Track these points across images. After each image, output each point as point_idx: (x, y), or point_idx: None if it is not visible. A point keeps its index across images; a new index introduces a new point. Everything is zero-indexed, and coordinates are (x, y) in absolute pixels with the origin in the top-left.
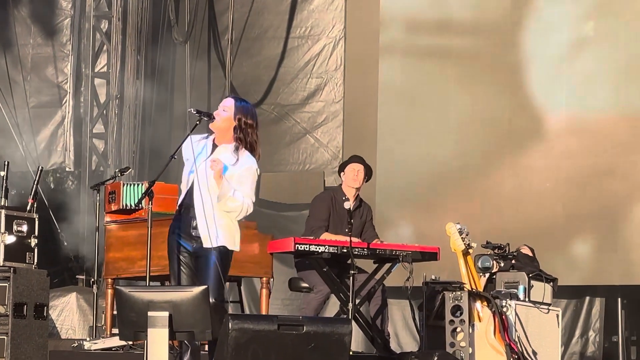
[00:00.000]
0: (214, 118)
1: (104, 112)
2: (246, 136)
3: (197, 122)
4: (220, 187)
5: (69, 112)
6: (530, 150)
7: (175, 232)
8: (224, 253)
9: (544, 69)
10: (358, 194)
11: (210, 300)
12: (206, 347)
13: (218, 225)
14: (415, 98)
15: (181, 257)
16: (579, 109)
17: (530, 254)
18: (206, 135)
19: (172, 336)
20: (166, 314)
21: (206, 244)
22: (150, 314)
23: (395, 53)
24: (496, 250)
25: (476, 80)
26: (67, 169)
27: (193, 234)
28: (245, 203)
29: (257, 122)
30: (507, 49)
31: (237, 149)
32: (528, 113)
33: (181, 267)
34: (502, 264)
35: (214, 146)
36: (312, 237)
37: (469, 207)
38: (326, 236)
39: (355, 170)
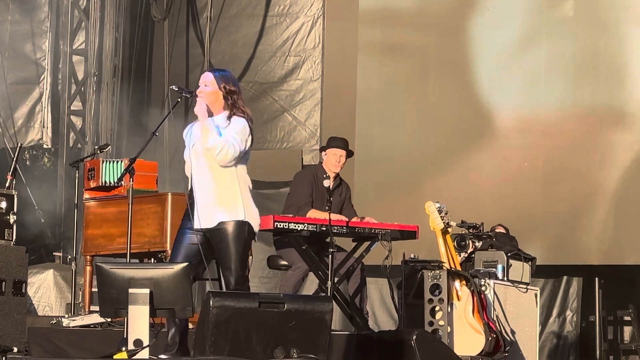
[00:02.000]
0: (195, 95)
1: (82, 89)
2: (235, 102)
3: (179, 100)
4: (205, 123)
5: (46, 89)
6: (508, 131)
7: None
8: (237, 227)
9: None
10: (338, 173)
11: (232, 284)
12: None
13: (221, 203)
14: (394, 77)
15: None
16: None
17: (505, 233)
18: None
19: (152, 313)
20: (147, 291)
21: (210, 223)
22: (131, 290)
23: (374, 32)
24: (471, 230)
25: (455, 63)
26: (45, 146)
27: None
28: (228, 142)
29: (239, 87)
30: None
31: (229, 116)
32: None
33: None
34: (477, 244)
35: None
36: (293, 215)
37: (448, 187)
38: (313, 213)
39: (337, 156)
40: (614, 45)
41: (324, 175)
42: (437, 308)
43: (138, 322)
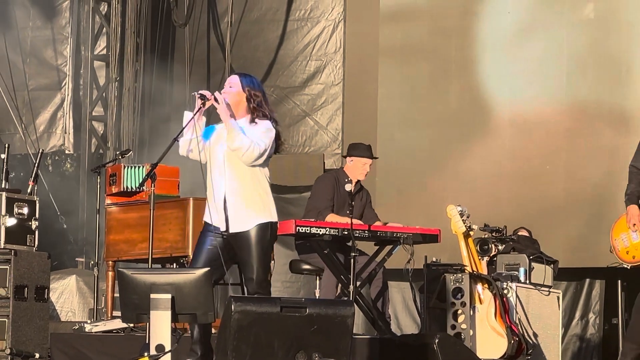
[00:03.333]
0: (207, 99)
1: (104, 94)
2: (259, 105)
3: (201, 106)
4: (229, 124)
5: (68, 95)
6: (529, 133)
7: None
8: (262, 229)
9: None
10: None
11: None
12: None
13: (247, 203)
14: (415, 80)
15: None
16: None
17: (527, 236)
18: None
19: (174, 318)
20: (169, 296)
21: (243, 227)
22: (152, 296)
23: (395, 35)
24: (494, 234)
25: (475, 65)
26: (67, 152)
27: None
28: (254, 142)
29: (264, 91)
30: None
31: (252, 120)
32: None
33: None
34: (500, 247)
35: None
36: (314, 219)
37: (470, 190)
38: (332, 217)
39: (364, 165)
40: None
41: (346, 180)
42: (459, 311)
43: (160, 327)
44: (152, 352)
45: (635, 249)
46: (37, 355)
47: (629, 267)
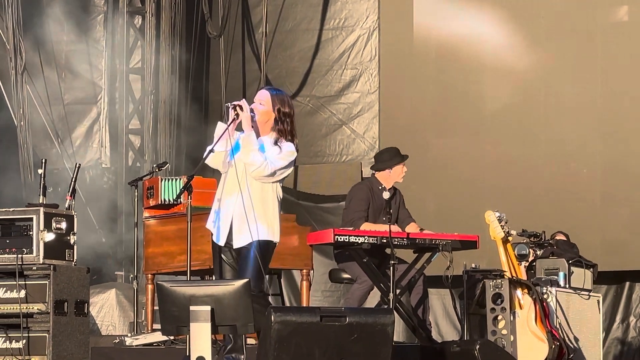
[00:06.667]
0: (241, 107)
1: (139, 107)
2: (287, 127)
3: (235, 117)
4: (247, 136)
5: (104, 109)
6: (565, 137)
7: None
8: (264, 245)
9: None
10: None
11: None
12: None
13: (257, 218)
14: (450, 85)
15: (223, 256)
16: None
17: (566, 240)
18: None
19: (214, 330)
20: (208, 308)
21: (247, 239)
22: (192, 308)
23: (429, 42)
24: (532, 238)
25: (512, 68)
26: (103, 165)
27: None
28: (268, 160)
29: (294, 110)
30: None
31: (277, 140)
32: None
33: (223, 265)
34: (538, 252)
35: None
36: (351, 228)
37: (507, 195)
38: (366, 226)
39: (403, 169)
40: None
41: (380, 187)
42: (499, 317)
43: (200, 339)
44: None
45: None
46: None
47: None
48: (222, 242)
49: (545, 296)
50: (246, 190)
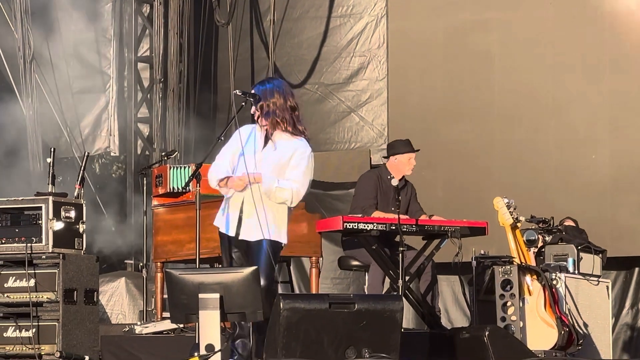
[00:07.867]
0: (259, 99)
1: (148, 96)
2: (287, 116)
3: (243, 104)
4: (263, 184)
5: (112, 97)
6: (574, 124)
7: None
8: (275, 244)
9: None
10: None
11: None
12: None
13: (268, 216)
14: (459, 73)
15: (232, 247)
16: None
17: (575, 226)
18: (253, 125)
19: (223, 318)
20: (217, 295)
21: (257, 235)
22: (201, 296)
23: (437, 28)
24: (541, 224)
25: (521, 54)
26: (112, 154)
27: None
28: (294, 188)
29: (286, 97)
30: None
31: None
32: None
33: (232, 257)
34: (547, 238)
35: (266, 139)
36: (360, 215)
37: (516, 181)
38: (377, 214)
39: (410, 160)
40: None
41: (389, 177)
42: (508, 303)
43: (209, 327)
44: (202, 352)
45: None
46: (87, 358)
47: None
48: (231, 233)
49: (554, 282)
50: (256, 189)
